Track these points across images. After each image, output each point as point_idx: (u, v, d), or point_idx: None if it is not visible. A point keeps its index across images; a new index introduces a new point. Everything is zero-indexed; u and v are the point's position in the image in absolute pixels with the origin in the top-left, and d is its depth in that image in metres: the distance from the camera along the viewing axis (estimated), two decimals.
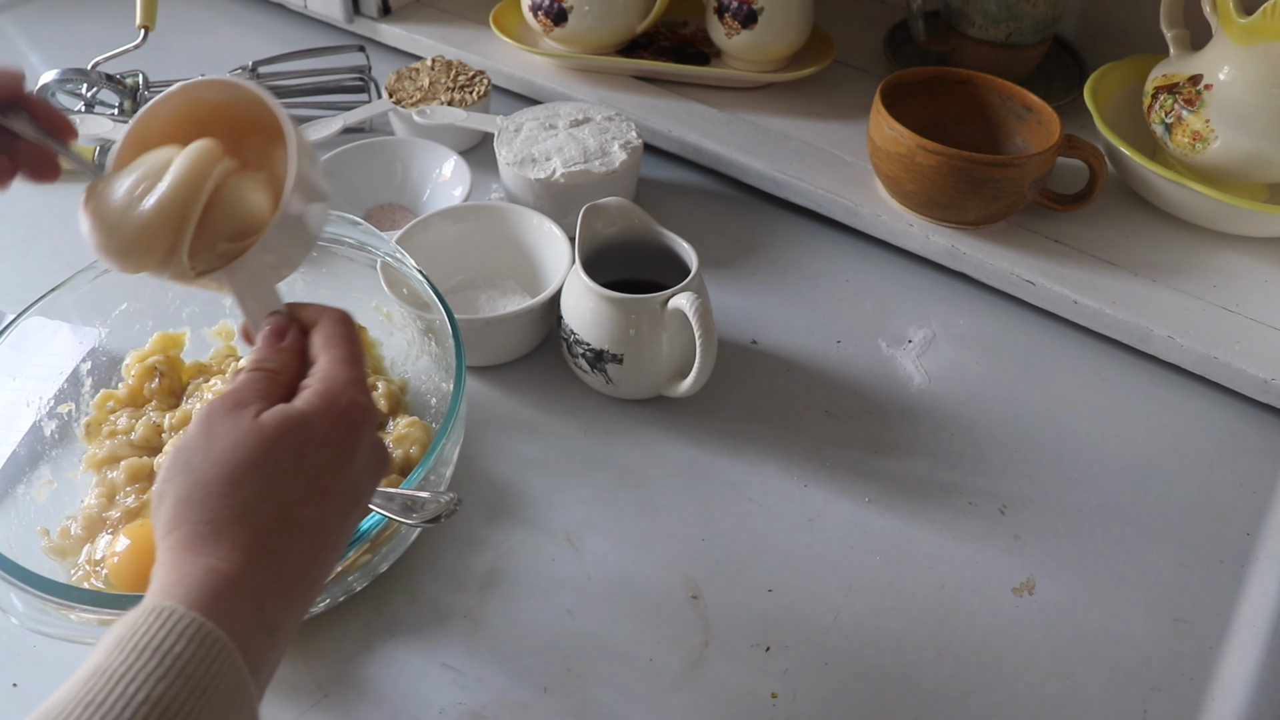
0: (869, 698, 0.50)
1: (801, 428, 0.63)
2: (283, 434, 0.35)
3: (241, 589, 0.32)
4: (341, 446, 0.36)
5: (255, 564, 0.33)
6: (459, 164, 0.76)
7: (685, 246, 0.61)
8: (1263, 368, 0.64)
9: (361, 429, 0.37)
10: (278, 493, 0.34)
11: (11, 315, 0.56)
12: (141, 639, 0.30)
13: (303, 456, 0.35)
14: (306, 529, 0.35)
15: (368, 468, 0.38)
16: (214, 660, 0.30)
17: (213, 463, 0.34)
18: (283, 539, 0.34)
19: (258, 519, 0.34)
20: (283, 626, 0.34)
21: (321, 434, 0.36)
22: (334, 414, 0.36)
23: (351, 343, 0.40)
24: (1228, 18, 0.69)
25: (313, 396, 0.37)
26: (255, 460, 0.34)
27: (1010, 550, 0.57)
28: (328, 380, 0.38)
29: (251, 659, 0.31)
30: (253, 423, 0.35)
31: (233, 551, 0.33)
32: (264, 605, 0.33)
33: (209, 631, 0.30)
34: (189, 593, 0.31)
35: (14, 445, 0.55)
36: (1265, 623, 0.54)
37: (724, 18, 0.84)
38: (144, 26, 0.83)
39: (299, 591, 0.34)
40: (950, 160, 0.68)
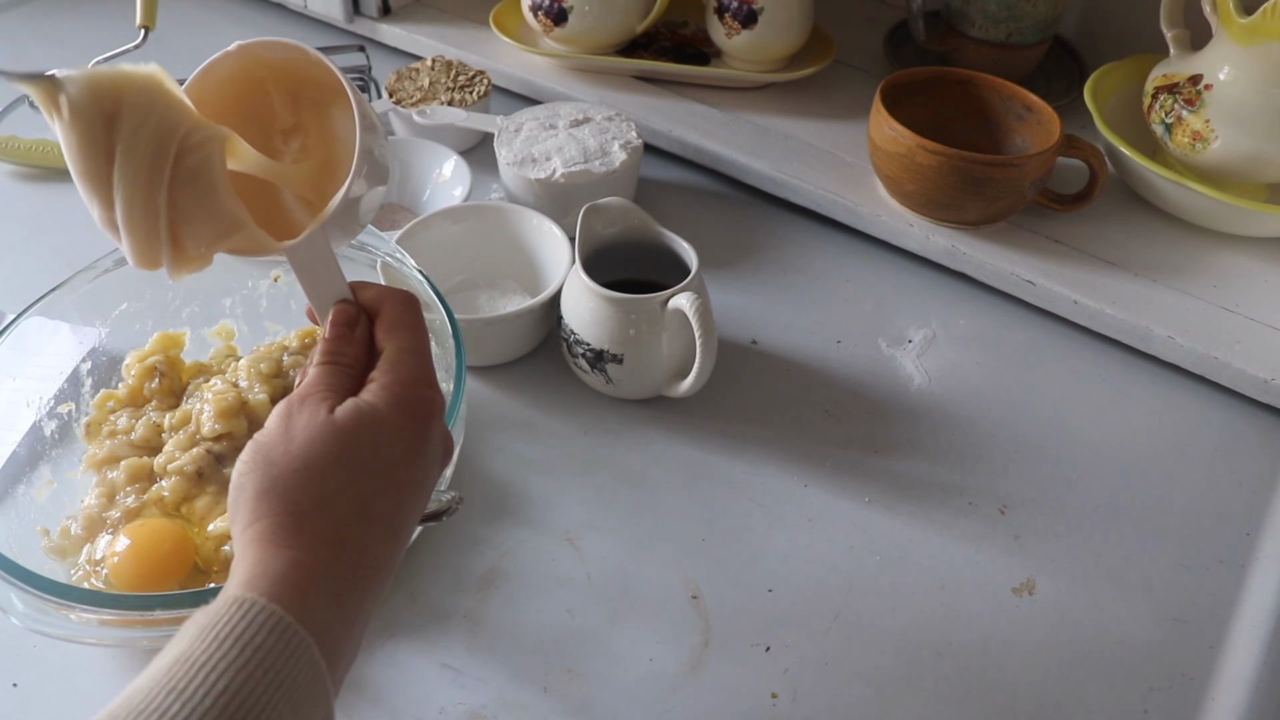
0: (869, 698, 0.50)
1: (801, 428, 0.63)
2: (357, 427, 0.35)
3: (321, 581, 0.33)
4: (414, 440, 0.37)
5: (335, 556, 0.33)
6: (459, 164, 0.76)
7: (685, 246, 0.61)
8: (1263, 368, 0.64)
9: (431, 422, 0.38)
10: (355, 486, 0.35)
11: (11, 315, 0.56)
12: (224, 628, 0.30)
13: (377, 450, 0.36)
14: (381, 521, 0.35)
15: (434, 462, 0.38)
16: (293, 652, 0.31)
17: (292, 457, 0.35)
18: (360, 531, 0.34)
19: (337, 512, 0.34)
20: (360, 618, 0.34)
21: (394, 428, 0.36)
22: (404, 407, 0.37)
23: (415, 330, 0.40)
24: (1228, 18, 0.69)
25: (381, 390, 0.37)
26: (333, 453, 0.35)
27: (1010, 550, 0.57)
28: (396, 373, 0.38)
29: (329, 652, 0.32)
30: (328, 417, 0.35)
31: (314, 543, 0.33)
32: (343, 599, 0.33)
33: (289, 624, 0.31)
34: (272, 585, 0.32)
35: (14, 445, 0.55)
36: (1265, 623, 0.54)
37: (724, 18, 0.84)
38: (144, 26, 0.82)
39: (375, 583, 0.35)
40: (950, 160, 0.68)
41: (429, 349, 0.40)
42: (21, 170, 0.83)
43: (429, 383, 0.38)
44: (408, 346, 0.39)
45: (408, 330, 0.39)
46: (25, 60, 0.97)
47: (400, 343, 0.39)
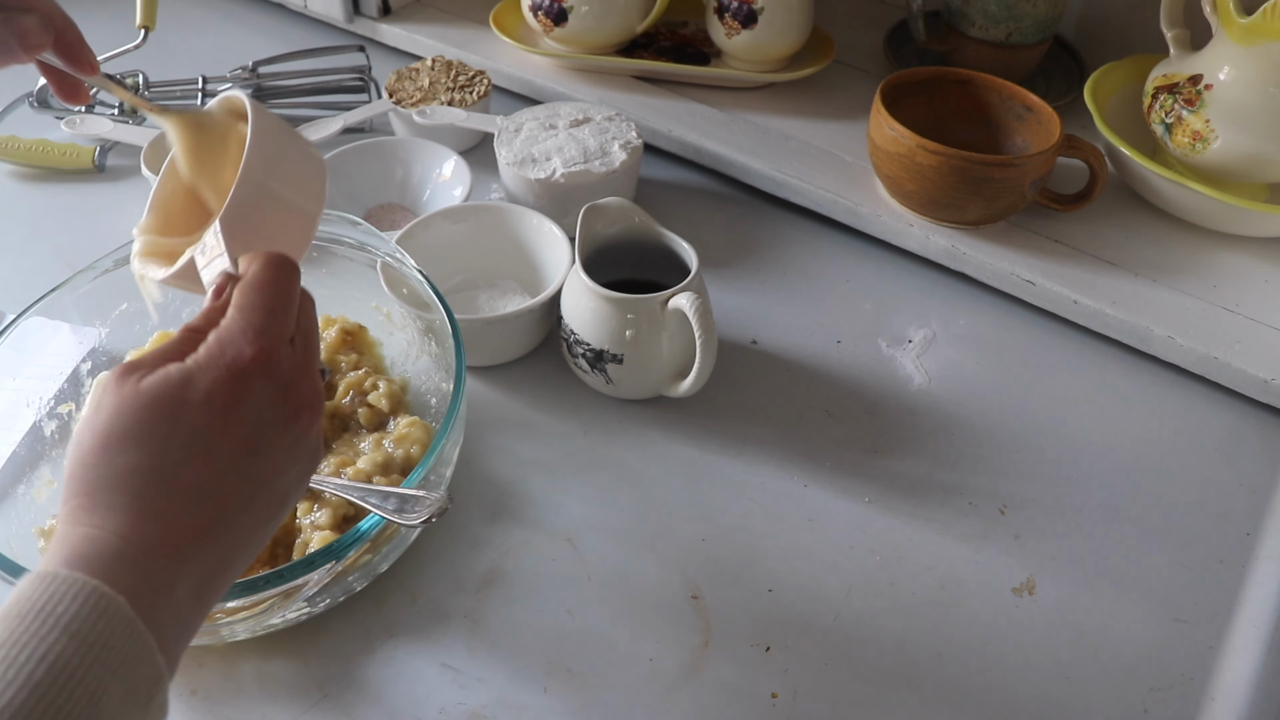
0: (869, 698, 0.50)
1: (801, 428, 0.63)
2: (157, 397, 0.34)
3: (119, 552, 0.32)
4: (227, 402, 0.35)
5: (133, 528, 0.32)
6: (459, 164, 0.76)
7: (685, 246, 0.61)
8: (1263, 368, 0.64)
9: (248, 380, 0.35)
10: (152, 458, 0.33)
11: (11, 315, 0.56)
12: (25, 603, 0.30)
13: (178, 419, 0.34)
14: (191, 489, 0.34)
15: (271, 421, 0.36)
16: (100, 614, 0.30)
17: (92, 433, 0.34)
18: (162, 502, 0.33)
19: (132, 485, 0.33)
20: (179, 585, 0.33)
21: (203, 392, 0.34)
22: (217, 369, 0.35)
23: (266, 287, 0.37)
24: (1228, 18, 0.69)
25: (201, 352, 0.35)
26: (128, 427, 0.33)
27: (1010, 550, 0.57)
28: (220, 332, 0.36)
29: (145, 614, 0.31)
30: (133, 389, 0.34)
31: (108, 518, 0.32)
32: (149, 567, 0.32)
33: (93, 589, 0.30)
34: (68, 559, 0.31)
35: (14, 445, 0.55)
36: (1265, 623, 0.54)
37: (724, 18, 0.84)
38: (144, 26, 0.83)
39: (198, 547, 0.34)
40: (950, 160, 0.68)
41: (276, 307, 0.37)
42: (21, 170, 0.83)
43: (252, 338, 0.36)
44: (246, 304, 0.37)
45: (256, 289, 0.37)
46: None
47: (241, 299, 0.37)
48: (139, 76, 0.85)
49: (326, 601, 0.50)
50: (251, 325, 0.36)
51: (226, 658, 0.51)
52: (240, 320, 0.36)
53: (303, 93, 0.88)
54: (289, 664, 0.51)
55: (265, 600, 0.45)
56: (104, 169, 0.82)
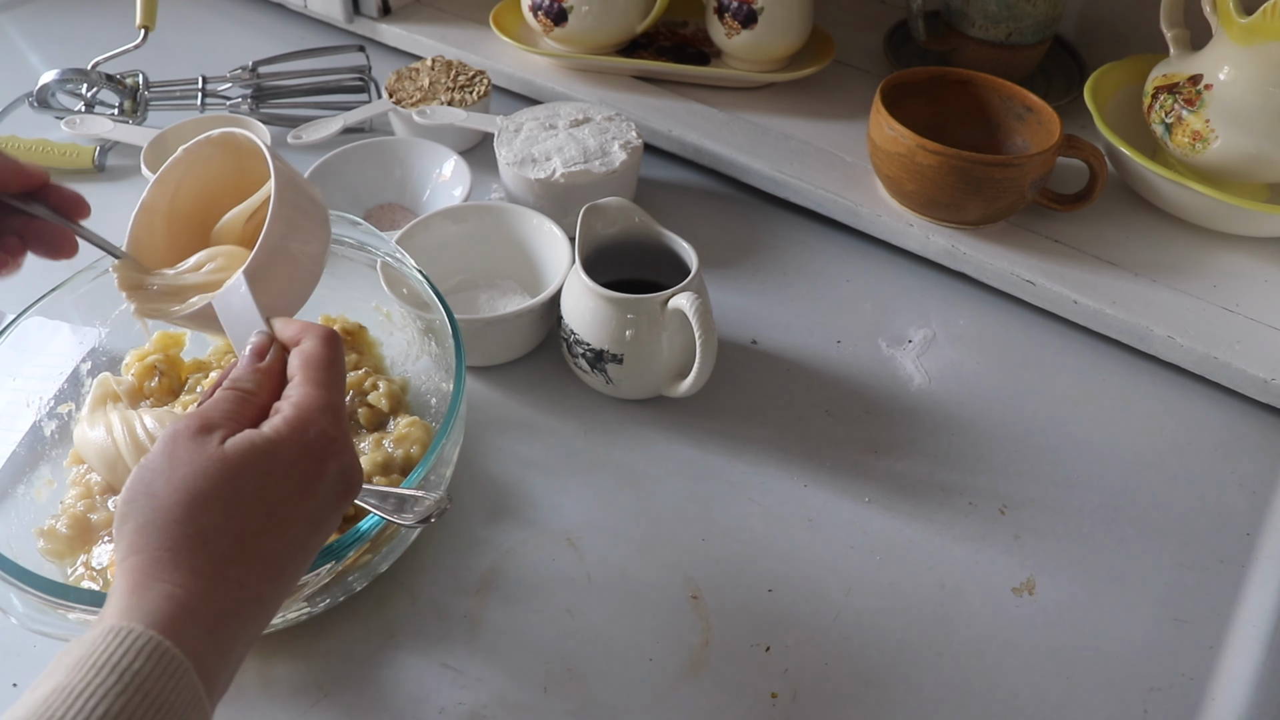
0: (869, 698, 0.50)
1: (801, 428, 0.63)
2: (245, 465, 0.35)
3: (197, 615, 0.33)
4: (306, 478, 0.36)
5: (212, 591, 0.33)
6: (459, 164, 0.76)
7: (685, 246, 0.61)
8: (1263, 368, 0.64)
9: (327, 460, 0.37)
10: (237, 523, 0.34)
11: (11, 315, 0.56)
12: (100, 656, 0.30)
13: (264, 489, 0.35)
14: (265, 559, 0.35)
15: (331, 496, 0.38)
16: (170, 676, 0.31)
17: (174, 489, 0.34)
18: (240, 568, 0.34)
19: (216, 549, 0.34)
20: (237, 648, 0.34)
21: (286, 465, 0.36)
22: (301, 444, 0.36)
23: (331, 366, 0.39)
24: (1228, 18, 0.69)
25: (281, 424, 0.37)
26: (216, 489, 0.34)
27: (1010, 550, 0.57)
28: (298, 407, 0.37)
29: (206, 678, 0.32)
30: (217, 450, 0.35)
31: (190, 579, 0.33)
32: (218, 630, 0.33)
33: (166, 649, 0.31)
34: (147, 616, 0.32)
35: (14, 445, 0.55)
36: (1265, 623, 0.54)
37: (724, 18, 0.84)
38: (144, 26, 0.83)
39: (254, 616, 0.35)
40: (950, 160, 0.68)
41: (343, 384, 0.39)
42: None
43: (331, 419, 0.38)
44: (316, 379, 0.38)
45: (322, 365, 0.39)
46: (21, 61, 0.97)
47: (308, 374, 0.38)
48: (139, 76, 0.85)
49: (326, 601, 0.50)
50: (330, 406, 0.38)
51: None
52: (320, 398, 0.38)
53: (302, 93, 0.88)
54: (289, 664, 0.51)
55: None
56: (104, 169, 0.82)
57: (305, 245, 0.44)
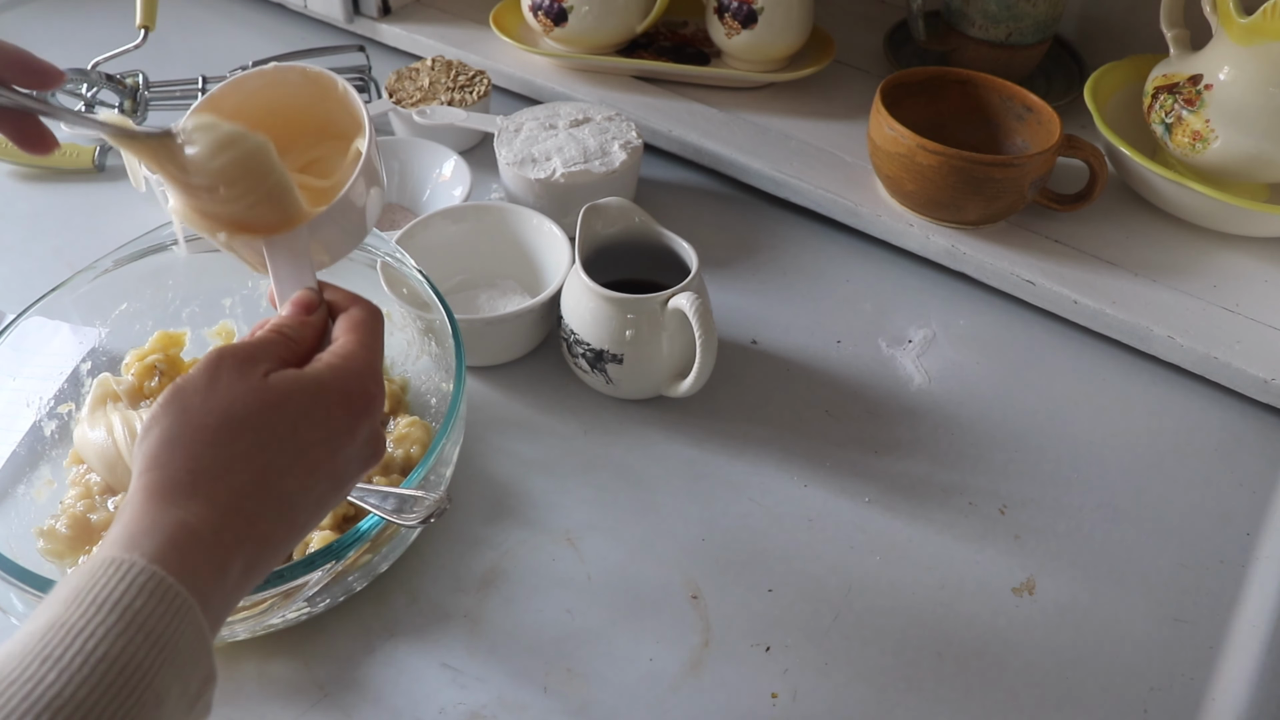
0: (869, 698, 0.50)
1: (801, 428, 0.63)
2: (286, 398, 0.34)
3: (208, 548, 0.31)
4: (340, 429, 0.36)
5: (226, 524, 0.32)
6: (459, 164, 0.76)
7: (685, 246, 0.61)
8: (1263, 368, 0.64)
9: (364, 416, 0.37)
10: (265, 456, 0.33)
11: (11, 315, 0.56)
12: (101, 592, 0.29)
13: (299, 428, 0.34)
14: (283, 499, 0.34)
15: (359, 457, 0.37)
16: (174, 615, 0.29)
17: (208, 410, 0.33)
18: (256, 503, 0.33)
19: (238, 479, 0.33)
20: (240, 589, 0.33)
21: (325, 408, 0.35)
22: (343, 394, 0.36)
23: (375, 335, 0.39)
24: (1228, 18, 0.69)
25: (325, 369, 0.36)
26: (252, 417, 0.33)
27: (1010, 550, 0.57)
28: (345, 358, 0.37)
29: (209, 615, 0.31)
30: (261, 380, 0.34)
31: (205, 508, 0.32)
32: (227, 568, 0.32)
33: (170, 586, 0.30)
34: (156, 547, 0.30)
35: (14, 445, 0.55)
36: (1265, 623, 0.54)
37: (724, 18, 0.84)
38: (144, 26, 0.83)
39: (261, 559, 0.34)
40: (950, 160, 0.68)
41: (382, 357, 0.39)
42: (21, 170, 0.83)
43: (374, 380, 0.37)
44: (365, 342, 0.38)
45: (367, 331, 0.39)
46: None
47: (358, 337, 0.38)
48: (139, 76, 0.85)
49: (326, 601, 0.50)
50: (373, 368, 0.38)
51: (226, 658, 0.51)
52: (366, 357, 0.37)
53: None
54: (289, 664, 0.51)
55: (265, 600, 0.45)
56: (104, 169, 0.82)
57: (367, 212, 0.43)
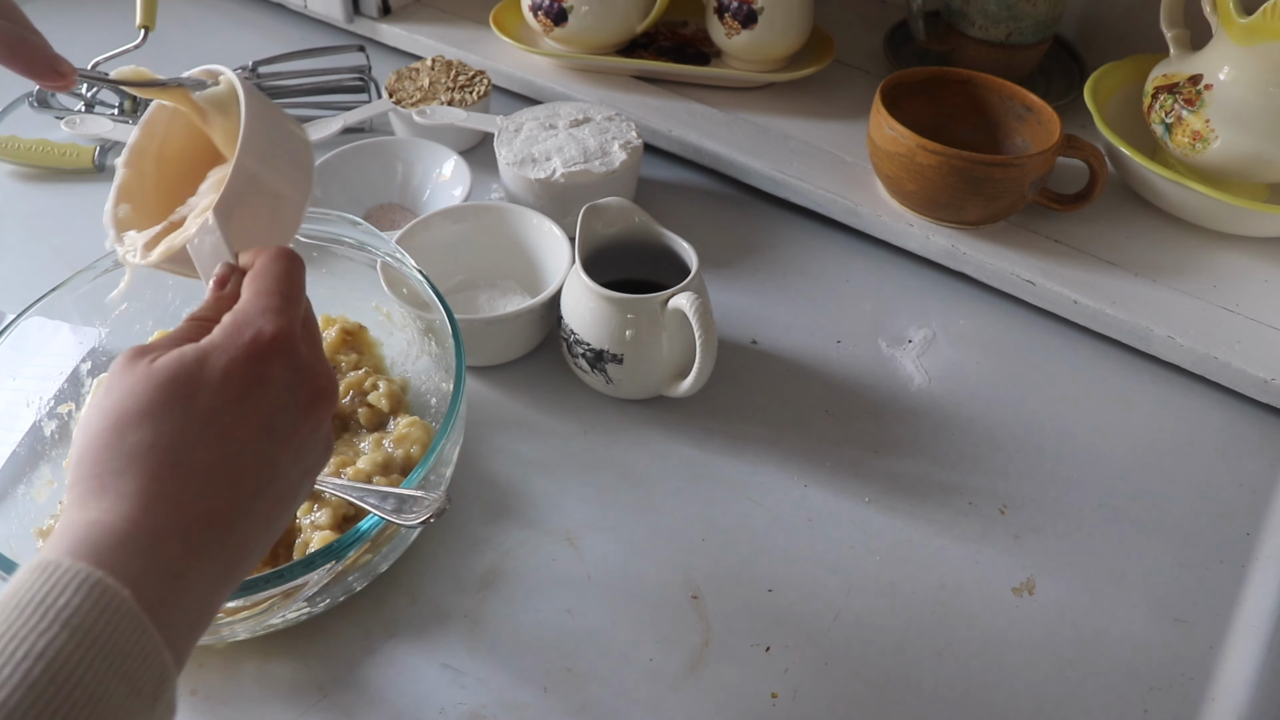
0: (869, 698, 0.50)
1: (801, 428, 0.63)
2: (170, 377, 0.33)
3: (126, 538, 0.30)
4: (244, 383, 0.34)
5: (144, 511, 0.31)
6: (459, 164, 0.76)
7: (685, 246, 0.61)
8: (1263, 368, 0.64)
9: (268, 362, 0.35)
10: (165, 438, 0.32)
11: (11, 315, 0.56)
12: (24, 594, 0.28)
13: (192, 399, 0.33)
14: (205, 472, 0.33)
15: (288, 402, 0.35)
16: (103, 609, 0.28)
17: (103, 414, 0.33)
18: (174, 484, 0.32)
19: (144, 465, 0.32)
20: (192, 572, 0.32)
21: (219, 371, 0.34)
22: (234, 348, 0.34)
23: (280, 275, 0.37)
24: (1228, 18, 0.69)
25: (217, 333, 0.35)
26: (141, 406, 0.33)
27: (1010, 550, 0.57)
28: (236, 314, 0.35)
29: (150, 606, 0.30)
30: (146, 369, 0.33)
31: (117, 502, 0.31)
32: (156, 552, 0.31)
33: (97, 580, 0.29)
34: (73, 546, 0.30)
35: (14, 445, 0.55)
36: (1265, 623, 0.54)
37: (724, 18, 0.84)
38: (144, 26, 0.82)
39: (207, 537, 0.32)
40: (950, 160, 0.68)
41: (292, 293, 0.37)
42: (21, 170, 0.83)
43: (270, 318, 0.35)
44: (261, 289, 0.36)
45: (269, 276, 0.37)
46: None
47: (256, 285, 0.36)
48: None
49: (326, 601, 0.50)
50: (270, 307, 0.36)
51: (226, 658, 0.51)
52: (258, 302, 0.36)
53: (303, 93, 0.88)
54: (289, 664, 0.51)
55: (265, 600, 0.45)
56: (104, 169, 0.82)
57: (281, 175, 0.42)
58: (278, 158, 0.42)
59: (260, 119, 0.41)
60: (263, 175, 0.41)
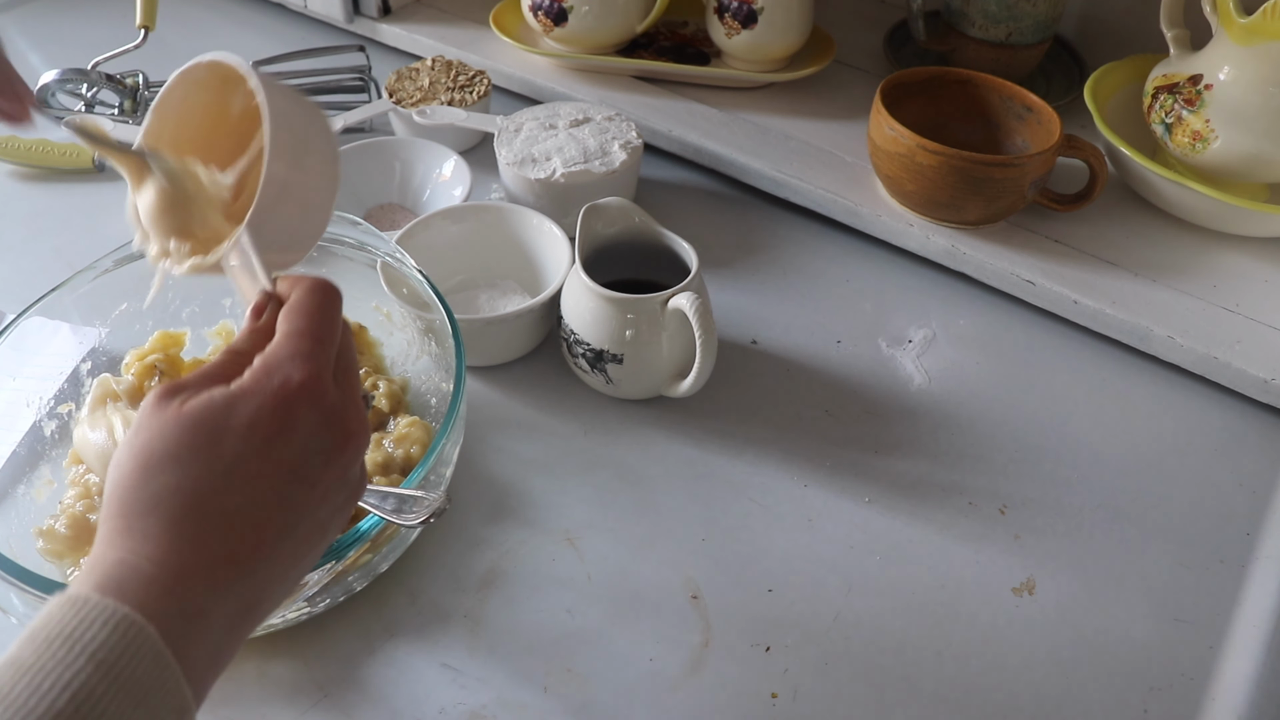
0: (869, 698, 0.50)
1: (801, 428, 0.63)
2: (199, 422, 0.33)
3: (151, 578, 0.31)
4: (271, 430, 0.34)
5: (169, 552, 0.32)
6: (459, 164, 0.76)
7: (685, 246, 0.61)
8: (1263, 368, 0.64)
9: (295, 408, 0.35)
10: (190, 482, 0.33)
11: (11, 315, 0.56)
12: (54, 628, 0.29)
13: (218, 444, 0.33)
14: (229, 517, 0.33)
15: (317, 449, 0.35)
16: (129, 643, 0.29)
17: (131, 455, 0.33)
18: (196, 527, 0.33)
19: (169, 509, 0.32)
20: (215, 611, 0.32)
21: (247, 418, 0.34)
22: (263, 394, 0.34)
23: (313, 314, 0.37)
24: (1228, 18, 0.69)
25: (246, 377, 0.35)
26: (169, 449, 0.33)
27: (1010, 550, 0.57)
28: (266, 357, 0.36)
29: (175, 644, 0.31)
30: (176, 411, 0.34)
31: (143, 544, 0.32)
32: (179, 591, 0.32)
33: (123, 616, 0.30)
34: (100, 582, 0.31)
35: (14, 445, 0.55)
36: (1265, 623, 0.54)
37: (724, 18, 0.84)
38: (144, 26, 0.83)
39: (228, 578, 0.33)
40: (950, 160, 0.68)
41: (327, 333, 0.37)
42: (21, 170, 0.83)
43: (300, 364, 0.35)
44: (294, 330, 0.36)
45: (303, 314, 0.37)
46: (21, 61, 0.96)
47: (287, 327, 0.36)
48: (139, 76, 0.85)
49: (326, 601, 0.50)
50: (300, 352, 0.36)
51: None
52: (288, 346, 0.36)
53: (303, 92, 0.88)
54: (289, 664, 0.51)
55: None
56: (104, 169, 0.82)
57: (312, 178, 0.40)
58: (308, 159, 0.40)
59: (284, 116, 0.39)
60: (292, 180, 0.39)
